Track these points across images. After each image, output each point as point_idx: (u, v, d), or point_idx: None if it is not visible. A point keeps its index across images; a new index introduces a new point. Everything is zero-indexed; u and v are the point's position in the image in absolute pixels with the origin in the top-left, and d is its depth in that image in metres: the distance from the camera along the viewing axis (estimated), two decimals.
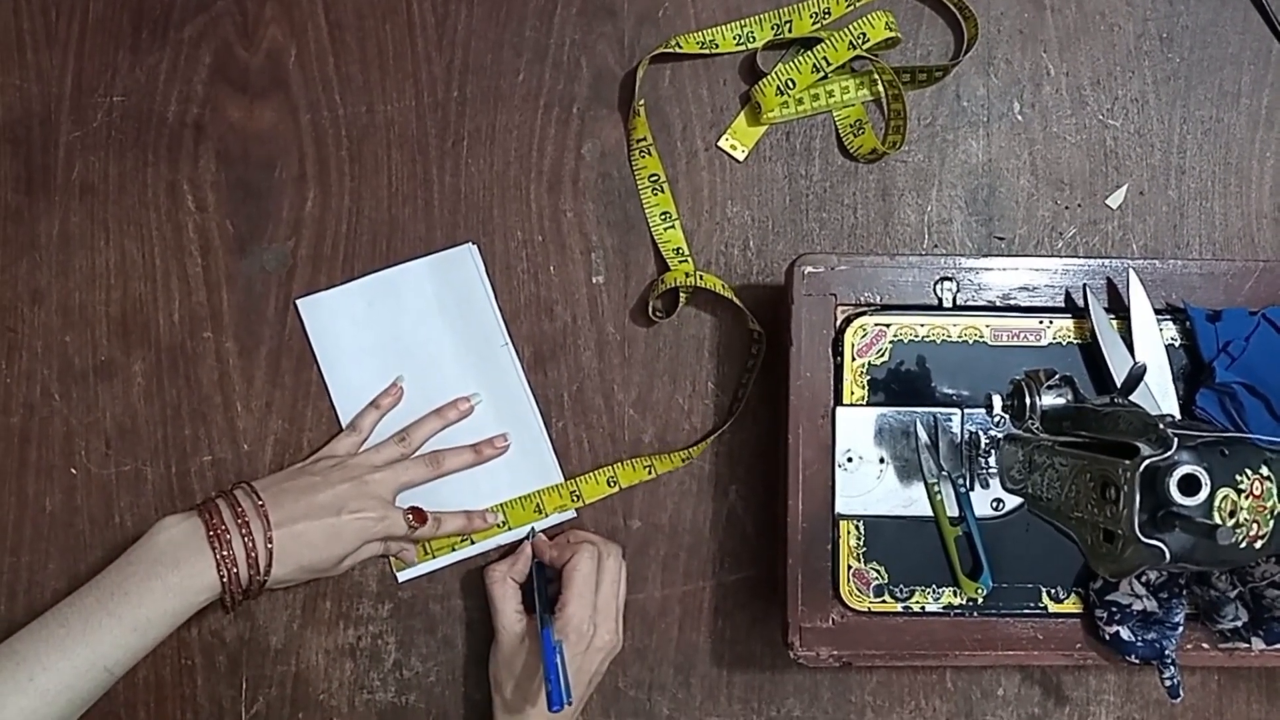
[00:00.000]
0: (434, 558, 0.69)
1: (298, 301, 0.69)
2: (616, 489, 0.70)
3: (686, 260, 0.70)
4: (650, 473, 0.69)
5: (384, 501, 0.64)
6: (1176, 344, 0.63)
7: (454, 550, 0.69)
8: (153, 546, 0.60)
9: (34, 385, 0.69)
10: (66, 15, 0.70)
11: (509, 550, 0.69)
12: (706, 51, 0.70)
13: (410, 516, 0.65)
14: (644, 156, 0.70)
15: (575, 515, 0.70)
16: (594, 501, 0.70)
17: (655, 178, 0.70)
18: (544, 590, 0.65)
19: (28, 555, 0.69)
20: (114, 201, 0.70)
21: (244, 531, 0.60)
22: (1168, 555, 0.43)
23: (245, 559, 0.59)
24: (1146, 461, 0.43)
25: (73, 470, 0.69)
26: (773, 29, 0.70)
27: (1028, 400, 0.52)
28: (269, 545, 0.60)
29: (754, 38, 0.70)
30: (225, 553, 0.59)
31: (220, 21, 0.71)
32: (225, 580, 0.59)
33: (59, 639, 0.57)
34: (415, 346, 0.70)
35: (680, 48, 0.70)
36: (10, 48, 0.70)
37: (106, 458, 0.69)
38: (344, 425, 0.69)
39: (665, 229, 0.70)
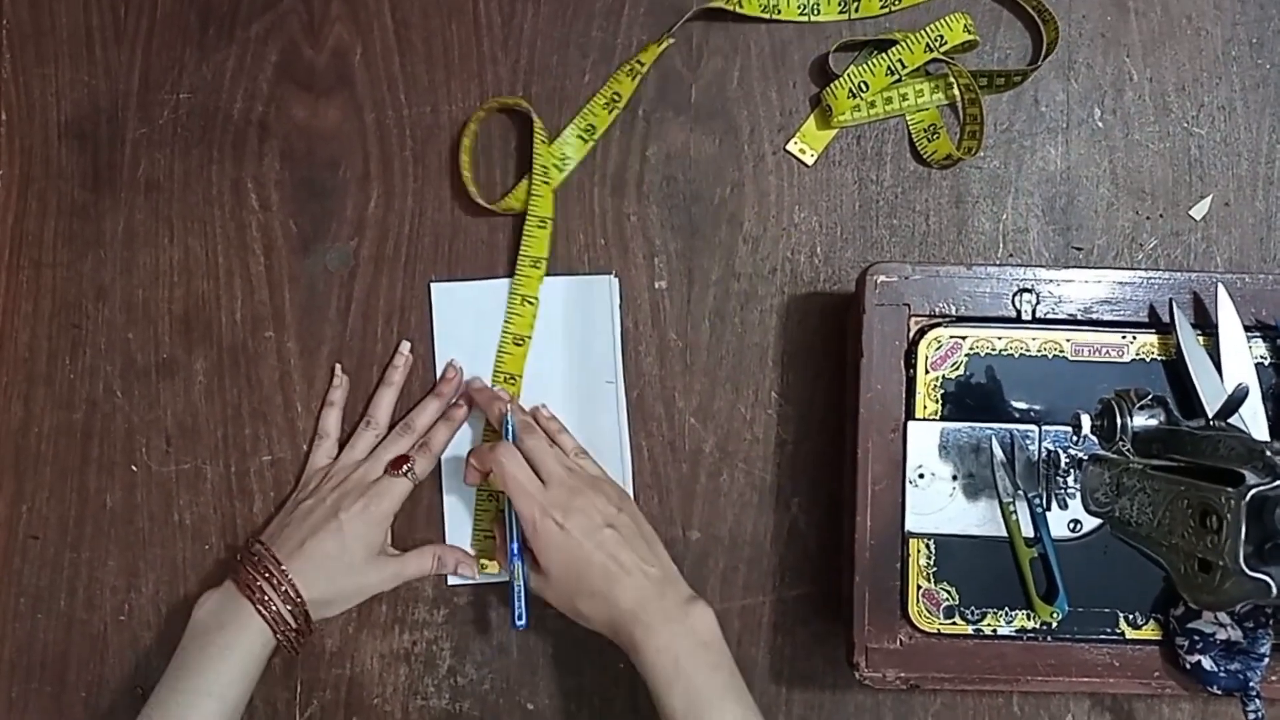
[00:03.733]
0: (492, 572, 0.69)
1: (432, 284, 0.69)
2: None
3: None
4: None
5: (368, 484, 0.64)
6: (1266, 363, 0.60)
7: None
8: (197, 623, 0.61)
9: (97, 382, 0.69)
10: (135, 12, 0.71)
11: None
12: (767, 16, 0.69)
13: (390, 468, 0.65)
14: (605, 113, 0.69)
15: None
16: None
17: (592, 129, 0.69)
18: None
19: (88, 551, 0.69)
20: (179, 199, 0.70)
21: (266, 575, 0.61)
22: (1274, 590, 0.40)
23: (278, 596, 0.61)
24: (1254, 490, 0.40)
25: (133, 467, 0.69)
26: (839, 7, 0.68)
27: (1118, 421, 0.50)
28: (288, 577, 0.61)
29: (819, 10, 0.69)
30: (259, 596, 0.60)
31: (286, 19, 0.70)
32: (270, 621, 0.60)
33: None
34: (529, 359, 0.69)
35: (741, 8, 0.68)
36: (79, 44, 0.70)
37: (167, 455, 0.69)
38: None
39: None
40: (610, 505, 0.61)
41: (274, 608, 0.60)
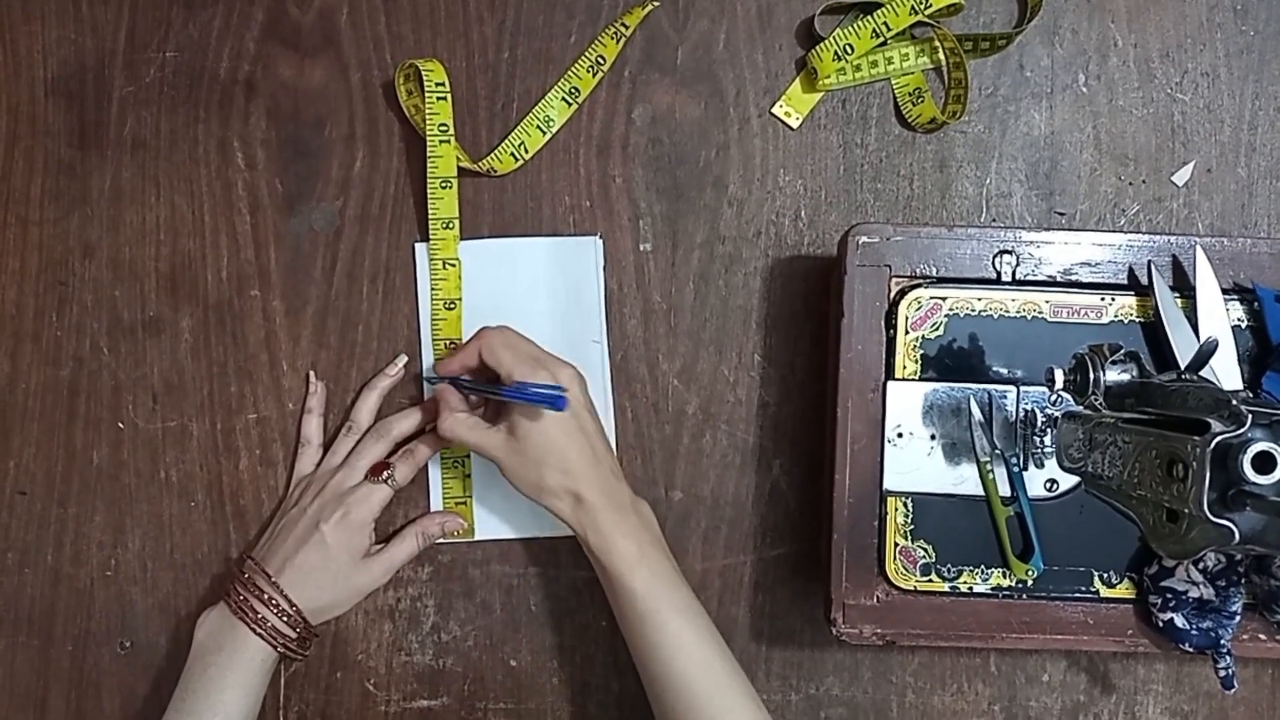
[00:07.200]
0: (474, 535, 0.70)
1: (416, 245, 0.69)
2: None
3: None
4: None
5: (346, 491, 0.64)
6: (1243, 325, 0.61)
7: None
8: (198, 645, 0.63)
9: (83, 339, 0.70)
10: None
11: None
12: None
13: (369, 475, 0.65)
14: (589, 76, 0.69)
15: None
16: None
17: (576, 91, 0.69)
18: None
19: (74, 507, 0.69)
20: (165, 157, 0.70)
21: (256, 593, 0.62)
22: (1237, 535, 0.41)
23: (271, 612, 0.62)
24: (1219, 438, 0.41)
25: (120, 424, 0.70)
26: None
27: (1091, 375, 0.51)
28: (281, 591, 0.62)
29: None
30: (252, 615, 0.61)
31: None
32: (266, 637, 0.61)
33: None
34: (513, 319, 0.68)
35: None
36: (66, 1, 0.70)
37: (153, 413, 0.70)
38: (425, 372, 0.69)
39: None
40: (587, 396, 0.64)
41: (268, 624, 0.61)
